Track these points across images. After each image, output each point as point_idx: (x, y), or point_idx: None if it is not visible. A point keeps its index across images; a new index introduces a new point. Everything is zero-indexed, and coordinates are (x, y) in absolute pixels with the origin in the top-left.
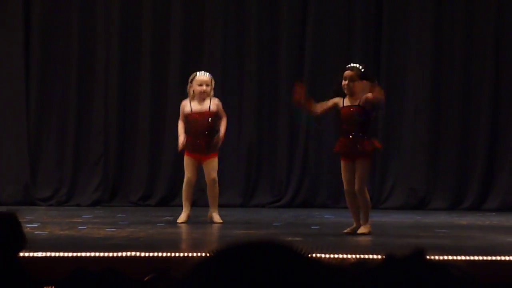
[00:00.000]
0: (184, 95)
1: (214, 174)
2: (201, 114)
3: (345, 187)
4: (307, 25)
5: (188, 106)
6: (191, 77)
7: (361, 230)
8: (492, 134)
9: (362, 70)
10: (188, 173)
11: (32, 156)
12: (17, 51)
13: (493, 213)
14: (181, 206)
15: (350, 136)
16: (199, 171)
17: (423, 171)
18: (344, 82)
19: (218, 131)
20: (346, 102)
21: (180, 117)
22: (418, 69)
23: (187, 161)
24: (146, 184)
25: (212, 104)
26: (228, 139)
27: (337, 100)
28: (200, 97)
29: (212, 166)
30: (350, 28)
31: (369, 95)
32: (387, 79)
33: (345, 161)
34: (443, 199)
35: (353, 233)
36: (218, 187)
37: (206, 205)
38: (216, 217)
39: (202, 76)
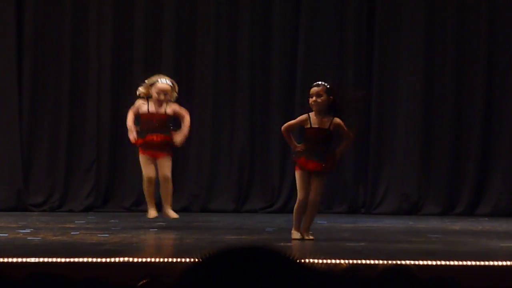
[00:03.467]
0: (176, 100)
1: (168, 172)
2: (157, 115)
3: (301, 197)
4: (299, 32)
5: (145, 107)
6: (151, 81)
7: (309, 235)
8: (484, 139)
9: (328, 86)
10: (145, 170)
11: (25, 162)
12: (9, 57)
13: (486, 219)
14: (173, 211)
15: (315, 158)
16: (157, 168)
17: (416, 176)
18: (311, 99)
19: (174, 130)
20: (314, 121)
21: (133, 110)
22: (410, 76)
23: (142, 159)
24: (139, 190)
25: (169, 108)
26: (221, 144)
27: (303, 118)
28: (158, 104)
29: (166, 164)
30: (342, 36)
31: (345, 131)
32: (379, 85)
33: (300, 171)
34: (435, 204)
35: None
36: (171, 185)
37: (198, 211)
38: (171, 213)
39: (163, 85)
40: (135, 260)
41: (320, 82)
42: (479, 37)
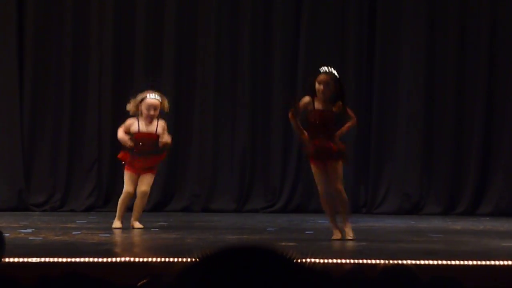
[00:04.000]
0: (178, 100)
1: (148, 188)
2: (148, 135)
3: (322, 190)
4: (300, 33)
5: (136, 125)
6: (140, 97)
7: (350, 235)
8: (485, 139)
9: (335, 74)
10: (127, 186)
11: (26, 162)
12: (11, 58)
13: (487, 218)
14: (174, 211)
15: (321, 137)
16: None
17: (417, 176)
18: (319, 86)
19: (161, 150)
20: (317, 104)
21: (123, 127)
22: (411, 76)
23: (127, 175)
24: None
25: (159, 126)
26: (222, 144)
27: (307, 100)
28: (147, 120)
29: (147, 181)
30: (343, 36)
31: (350, 113)
32: (380, 85)
33: (315, 164)
34: (437, 204)
35: (342, 239)
36: (145, 201)
37: (199, 211)
38: (137, 224)
39: (151, 100)
40: (136, 260)
41: (328, 70)
42: (480, 37)
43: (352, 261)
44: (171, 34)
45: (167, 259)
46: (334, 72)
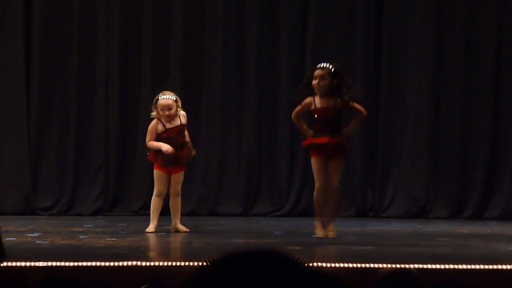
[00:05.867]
0: (184, 104)
1: (179, 187)
2: (175, 130)
3: (318, 183)
4: (307, 34)
5: (161, 125)
6: (154, 100)
7: (332, 233)
8: (493, 142)
9: (333, 69)
10: (159, 185)
11: (33, 166)
12: (18, 61)
13: (494, 222)
14: (181, 215)
15: (325, 135)
16: (169, 182)
17: (424, 179)
18: (314, 82)
19: (190, 145)
20: (318, 102)
21: (150, 134)
22: (418, 77)
23: (157, 174)
24: (147, 194)
25: (182, 118)
26: (229, 148)
27: (308, 100)
28: (166, 121)
29: (179, 180)
30: (350, 37)
31: (357, 106)
32: (387, 87)
33: (317, 158)
34: (444, 207)
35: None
36: (180, 199)
37: (206, 215)
38: (181, 227)
39: (164, 100)
40: (143, 264)
41: (323, 65)
42: (487, 39)
43: (358, 265)
44: (178, 39)
45: (174, 263)
46: (330, 66)
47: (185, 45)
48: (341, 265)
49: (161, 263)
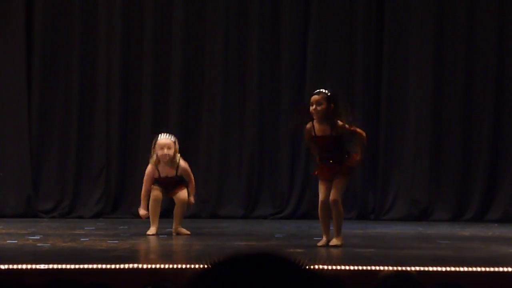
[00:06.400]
0: (186, 107)
1: (185, 195)
2: (169, 178)
3: (321, 198)
4: (308, 40)
5: (156, 172)
6: (154, 141)
7: (335, 241)
8: (494, 145)
9: (329, 94)
10: (155, 192)
11: (34, 169)
12: (19, 65)
13: (496, 224)
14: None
15: (330, 162)
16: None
17: (425, 182)
18: (312, 108)
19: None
20: (317, 129)
21: (146, 182)
22: (419, 82)
23: (155, 186)
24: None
25: (180, 169)
26: (230, 151)
27: (308, 127)
28: (163, 160)
29: (183, 194)
30: (351, 44)
31: (358, 133)
32: (388, 90)
33: (321, 179)
34: (445, 210)
35: (326, 245)
36: (185, 206)
37: (207, 217)
38: (183, 230)
39: (164, 140)
40: (145, 266)
41: (320, 90)
42: (489, 43)
43: (359, 267)
44: (179, 41)
45: (175, 266)
46: (326, 91)
47: (187, 48)
48: (343, 267)
49: (162, 266)
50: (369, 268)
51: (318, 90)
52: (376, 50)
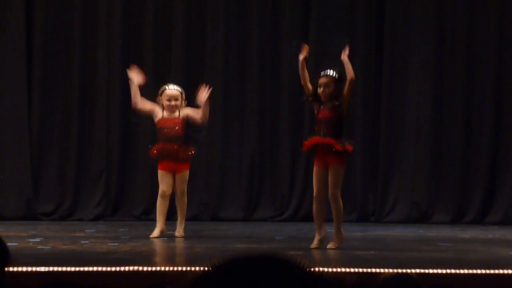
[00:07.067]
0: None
1: (184, 186)
2: (171, 121)
3: (315, 192)
4: (308, 38)
5: (160, 112)
6: (160, 90)
7: (331, 244)
8: (494, 147)
9: (337, 76)
10: (162, 185)
11: (35, 171)
12: (19, 68)
13: (496, 227)
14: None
15: (322, 135)
16: (173, 183)
17: (426, 184)
18: (320, 90)
19: (189, 140)
20: (322, 108)
21: (148, 103)
22: (419, 84)
23: (161, 174)
24: (148, 199)
25: (181, 113)
26: (230, 153)
27: (316, 104)
28: (169, 110)
29: (183, 179)
30: (352, 44)
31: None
32: (389, 93)
33: (317, 164)
34: (445, 212)
35: (320, 246)
36: (186, 199)
37: (208, 220)
38: (178, 233)
39: (171, 91)
40: (145, 269)
41: (328, 73)
42: (489, 45)
43: (360, 270)
44: (179, 42)
45: (176, 268)
46: (333, 73)
47: (187, 51)
48: (343, 269)
49: (163, 268)
50: (369, 270)
51: (326, 73)
52: (376, 52)
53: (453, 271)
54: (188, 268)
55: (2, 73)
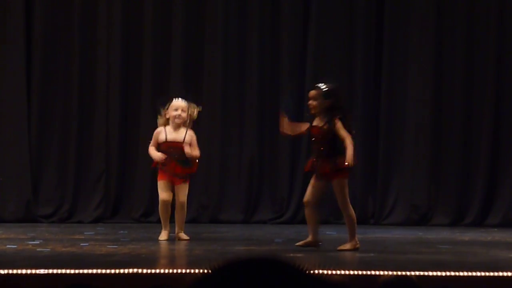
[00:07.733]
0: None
1: (183, 199)
2: (175, 143)
3: (305, 198)
4: (308, 42)
5: (163, 133)
6: (168, 104)
7: (343, 246)
8: (493, 149)
9: (325, 89)
10: (162, 194)
11: (34, 173)
12: (19, 69)
13: (495, 229)
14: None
15: (319, 156)
16: (173, 192)
17: (425, 187)
18: (309, 102)
19: (190, 163)
20: (315, 122)
21: (152, 143)
22: (419, 86)
23: (160, 184)
24: (148, 201)
25: (188, 135)
26: (230, 155)
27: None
28: (175, 122)
29: (182, 191)
30: (351, 46)
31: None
32: (388, 95)
33: (313, 178)
34: (445, 215)
35: (304, 246)
36: (185, 211)
37: (207, 222)
38: (183, 236)
39: (179, 102)
40: (144, 271)
41: (318, 85)
42: (488, 47)
43: (360, 272)
44: (179, 45)
45: (175, 271)
46: (323, 86)
47: (186, 53)
48: (343, 272)
49: (162, 271)
50: (369, 273)
51: (316, 85)
52: (376, 53)
53: (452, 273)
54: (188, 271)
55: (1, 75)
